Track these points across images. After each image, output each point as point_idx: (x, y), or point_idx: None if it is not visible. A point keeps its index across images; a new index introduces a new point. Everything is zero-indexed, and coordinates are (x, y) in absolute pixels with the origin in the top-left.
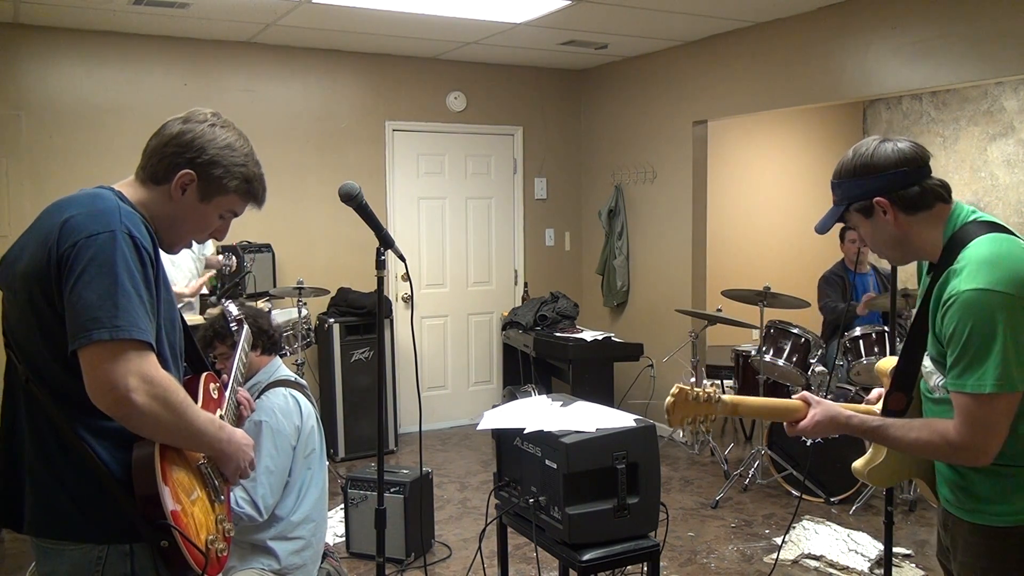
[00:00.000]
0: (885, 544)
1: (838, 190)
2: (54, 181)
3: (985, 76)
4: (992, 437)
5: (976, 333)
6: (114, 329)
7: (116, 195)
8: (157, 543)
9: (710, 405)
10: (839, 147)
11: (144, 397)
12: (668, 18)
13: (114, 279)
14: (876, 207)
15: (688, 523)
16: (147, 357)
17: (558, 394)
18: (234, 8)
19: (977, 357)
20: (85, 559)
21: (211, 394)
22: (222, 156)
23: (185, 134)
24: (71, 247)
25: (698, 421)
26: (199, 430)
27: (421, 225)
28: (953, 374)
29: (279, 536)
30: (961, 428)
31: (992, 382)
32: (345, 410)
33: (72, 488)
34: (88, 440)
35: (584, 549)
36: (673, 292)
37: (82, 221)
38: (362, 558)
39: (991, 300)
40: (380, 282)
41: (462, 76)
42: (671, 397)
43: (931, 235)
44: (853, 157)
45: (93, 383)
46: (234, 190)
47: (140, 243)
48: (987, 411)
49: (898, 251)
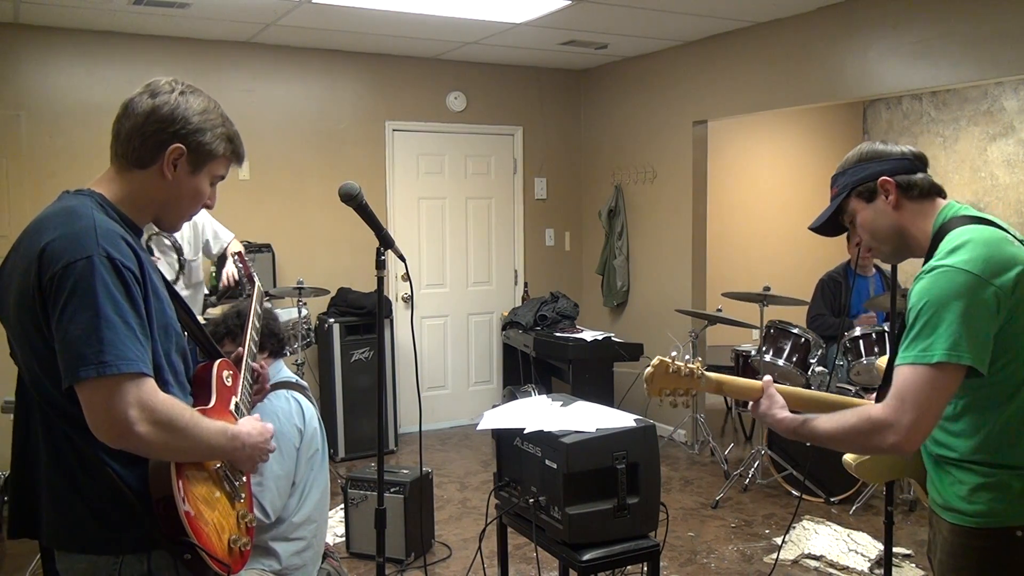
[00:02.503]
0: (885, 544)
1: (841, 179)
2: (54, 181)
3: (985, 76)
4: (921, 414)
5: (931, 305)
6: (101, 366)
7: (95, 203)
8: (181, 556)
9: (692, 380)
10: (839, 147)
11: (147, 426)
12: (668, 18)
13: (96, 311)
14: (880, 189)
15: (688, 523)
16: (143, 384)
17: (558, 394)
18: (234, 8)
19: (928, 327)
20: (103, 560)
21: (224, 382)
22: (204, 122)
23: (160, 108)
24: (51, 280)
25: (677, 394)
26: (209, 444)
27: (421, 225)
28: (902, 348)
29: (280, 537)
30: (890, 401)
31: (941, 351)
32: (345, 410)
33: (93, 502)
34: (104, 458)
35: (584, 549)
36: (673, 292)
37: (59, 248)
38: (362, 558)
39: (954, 277)
40: (380, 282)
41: (462, 76)
42: (651, 368)
43: (924, 226)
44: (859, 149)
45: (93, 420)
46: (222, 154)
47: (120, 264)
48: (925, 381)
49: (893, 242)
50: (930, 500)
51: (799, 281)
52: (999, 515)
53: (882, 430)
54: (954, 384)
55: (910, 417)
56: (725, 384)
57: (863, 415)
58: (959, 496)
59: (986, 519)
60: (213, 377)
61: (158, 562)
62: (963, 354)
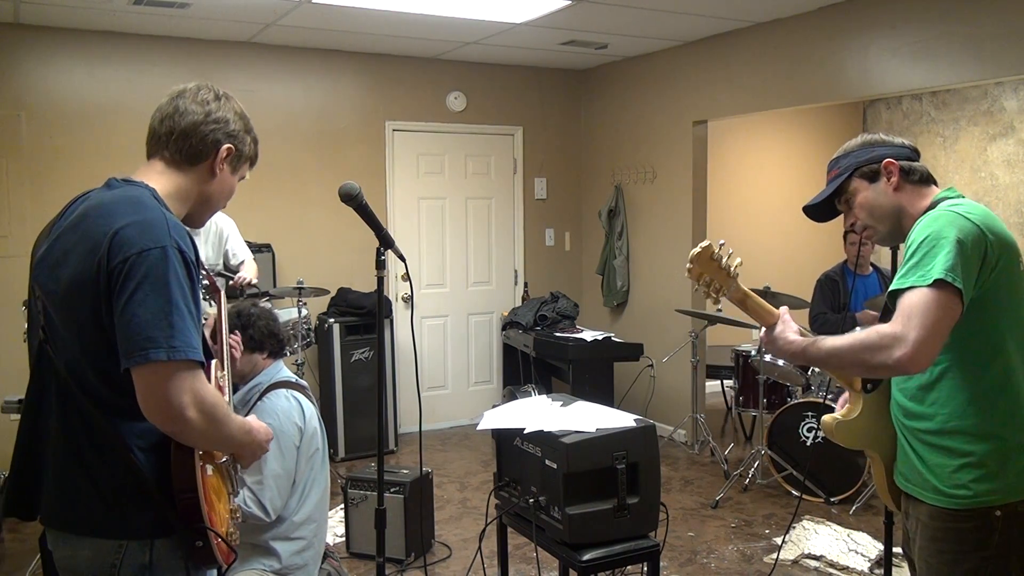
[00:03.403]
0: (885, 544)
1: (843, 161)
2: (54, 181)
3: (985, 76)
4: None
5: (931, 240)
6: (171, 350)
7: (153, 195)
8: (192, 543)
9: (726, 278)
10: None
11: (196, 413)
12: (668, 18)
13: (168, 298)
14: (883, 170)
15: (688, 523)
16: (198, 375)
17: (558, 394)
18: (234, 8)
19: (928, 256)
20: (106, 546)
21: (219, 381)
22: (244, 126)
23: (214, 112)
24: (122, 262)
25: (712, 286)
26: (232, 436)
27: (421, 225)
28: (899, 278)
29: (281, 536)
30: (896, 318)
31: (939, 271)
32: (345, 410)
33: (102, 485)
34: (130, 442)
35: (584, 549)
36: (673, 292)
37: (133, 234)
38: (362, 558)
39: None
40: (380, 282)
41: (462, 76)
42: (699, 248)
43: (921, 208)
44: (862, 136)
45: (149, 401)
46: (252, 155)
47: (188, 258)
48: (929, 300)
49: (890, 221)
50: (904, 481)
51: (799, 281)
52: (979, 495)
53: (891, 344)
54: (954, 306)
55: (917, 333)
56: (749, 298)
57: (872, 331)
58: (939, 478)
59: (966, 500)
60: (212, 377)
61: (160, 552)
62: (957, 278)
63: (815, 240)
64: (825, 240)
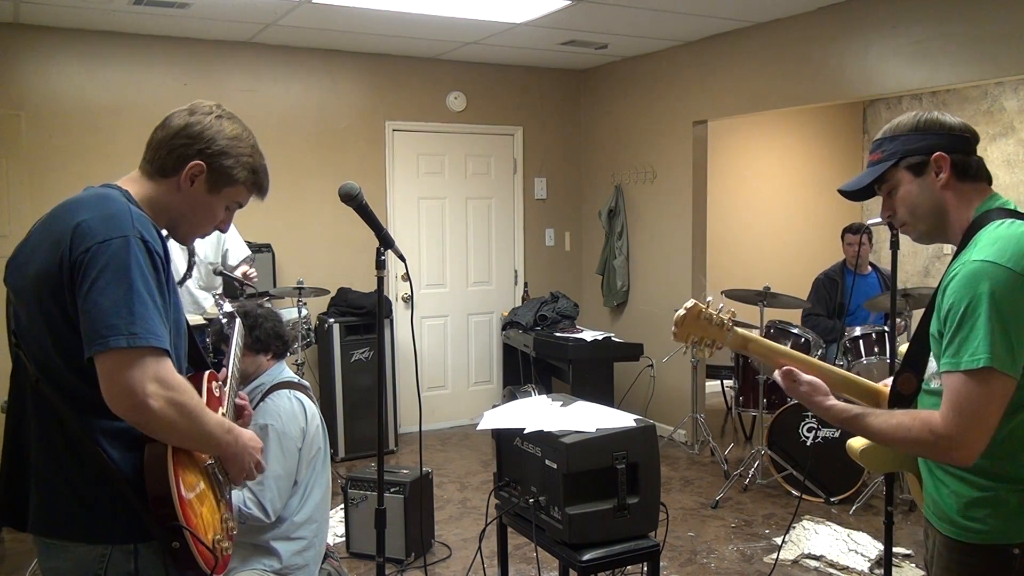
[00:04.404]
0: (885, 544)
1: (889, 145)
2: (54, 181)
3: (985, 76)
4: (979, 426)
5: (973, 305)
6: (131, 336)
7: (124, 195)
8: (168, 544)
9: (721, 331)
10: (839, 147)
11: (161, 402)
12: (668, 18)
13: (129, 285)
14: (932, 164)
15: (688, 523)
16: (164, 362)
17: (558, 394)
18: (234, 8)
19: (973, 330)
20: (89, 556)
21: (213, 392)
22: (231, 147)
23: (193, 126)
24: (84, 252)
25: (704, 343)
26: (210, 433)
27: (421, 225)
28: (947, 353)
29: (282, 536)
30: (948, 414)
31: (985, 355)
32: (345, 410)
33: (80, 489)
34: (100, 441)
35: (584, 549)
36: (673, 292)
37: (95, 225)
38: (362, 558)
39: (992, 272)
40: (380, 282)
41: (462, 76)
42: (683, 310)
43: (966, 212)
44: (915, 116)
45: (111, 389)
46: (242, 181)
47: (152, 248)
48: (978, 392)
49: (931, 221)
50: (925, 507)
51: (799, 281)
52: (995, 532)
53: (946, 447)
54: (1006, 389)
55: (971, 434)
56: (752, 343)
57: (924, 427)
58: (954, 508)
59: (981, 535)
60: (203, 386)
61: (145, 561)
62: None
63: (815, 240)
64: (825, 240)
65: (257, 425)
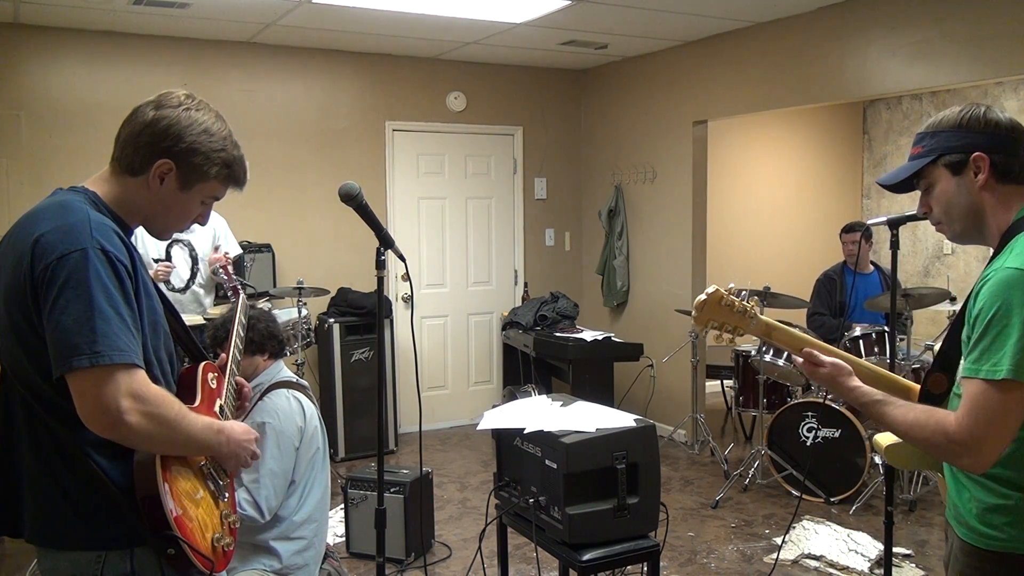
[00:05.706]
0: (885, 544)
1: (931, 140)
2: (54, 181)
3: (985, 76)
4: (994, 435)
5: (1002, 314)
6: (94, 355)
7: (88, 200)
8: (164, 551)
9: (743, 318)
10: (839, 147)
11: (137, 417)
12: (668, 18)
13: (89, 301)
14: (972, 164)
15: (688, 523)
16: (135, 375)
17: (558, 394)
18: (234, 8)
19: (998, 339)
20: (85, 557)
21: (209, 384)
22: (200, 143)
23: (159, 121)
24: (43, 270)
25: (725, 329)
26: (196, 438)
27: (421, 225)
28: (971, 359)
29: (281, 536)
30: (963, 418)
31: (1008, 367)
32: (345, 410)
33: (74, 497)
34: (89, 451)
35: (584, 549)
36: (673, 292)
37: (52, 240)
38: (362, 558)
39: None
40: (380, 282)
41: (462, 76)
42: (704, 295)
43: (1005, 215)
44: (960, 112)
45: (84, 409)
46: (215, 176)
47: (114, 256)
48: (996, 401)
49: (967, 222)
50: (947, 509)
51: (799, 281)
52: (1012, 540)
53: (959, 452)
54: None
55: (987, 443)
56: (776, 331)
57: (938, 428)
58: (973, 513)
59: (999, 543)
60: (198, 378)
61: (141, 561)
62: None
63: (815, 240)
64: (825, 240)
65: (254, 423)
